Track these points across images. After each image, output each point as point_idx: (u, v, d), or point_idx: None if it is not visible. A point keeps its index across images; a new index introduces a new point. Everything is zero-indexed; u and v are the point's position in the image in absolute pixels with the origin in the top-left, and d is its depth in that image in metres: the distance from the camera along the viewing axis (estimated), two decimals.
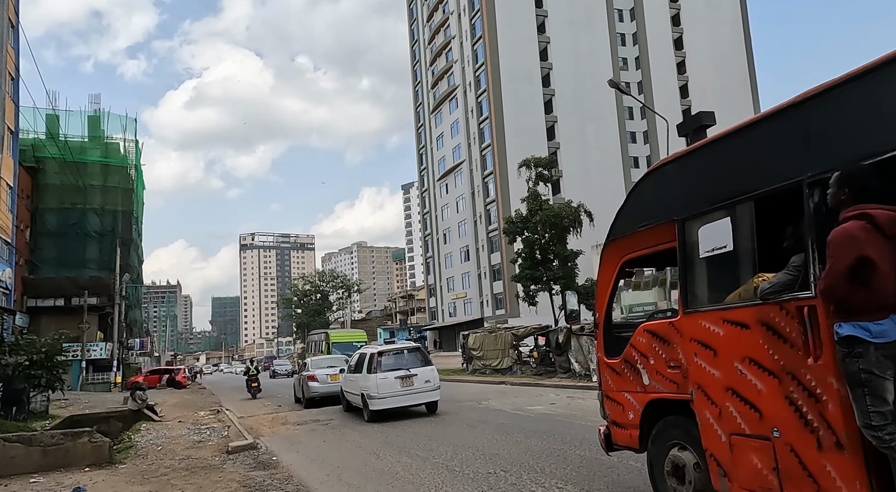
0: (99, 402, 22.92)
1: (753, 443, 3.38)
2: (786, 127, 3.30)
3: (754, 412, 3.37)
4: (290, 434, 10.75)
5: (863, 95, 2.89)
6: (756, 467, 3.36)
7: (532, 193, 27.00)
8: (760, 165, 3.43)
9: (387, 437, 9.33)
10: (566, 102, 57.92)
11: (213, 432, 11.04)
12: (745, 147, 3.59)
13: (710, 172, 3.88)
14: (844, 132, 2.96)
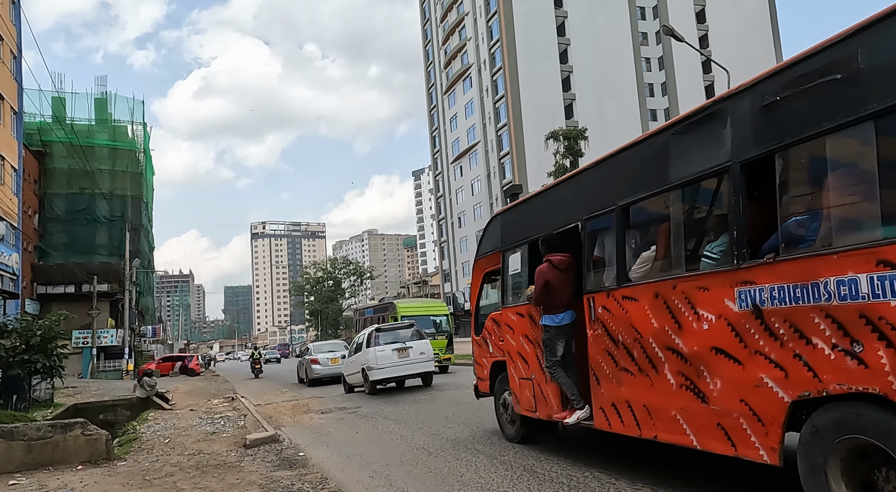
0: (108, 389, 21.85)
1: (526, 383, 5.87)
2: (540, 204, 6.00)
3: (527, 365, 5.86)
4: (315, 424, 9.45)
5: (541, 205, 5.91)
6: (528, 396, 5.86)
7: (560, 167, 25.43)
8: (540, 221, 5.81)
9: (432, 427, 7.98)
10: (585, 80, 55.86)
11: (227, 422, 9.76)
12: (534, 207, 6.07)
13: (516, 222, 6.36)
14: (558, 210, 5.59)
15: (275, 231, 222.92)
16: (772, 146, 3.34)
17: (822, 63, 3.08)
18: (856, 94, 2.91)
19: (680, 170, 4.03)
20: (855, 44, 2.95)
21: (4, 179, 29.62)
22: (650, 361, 4.21)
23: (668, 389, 4.05)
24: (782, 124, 3.29)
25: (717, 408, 3.70)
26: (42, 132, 37.94)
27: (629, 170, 4.62)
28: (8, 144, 30.07)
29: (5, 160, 29.66)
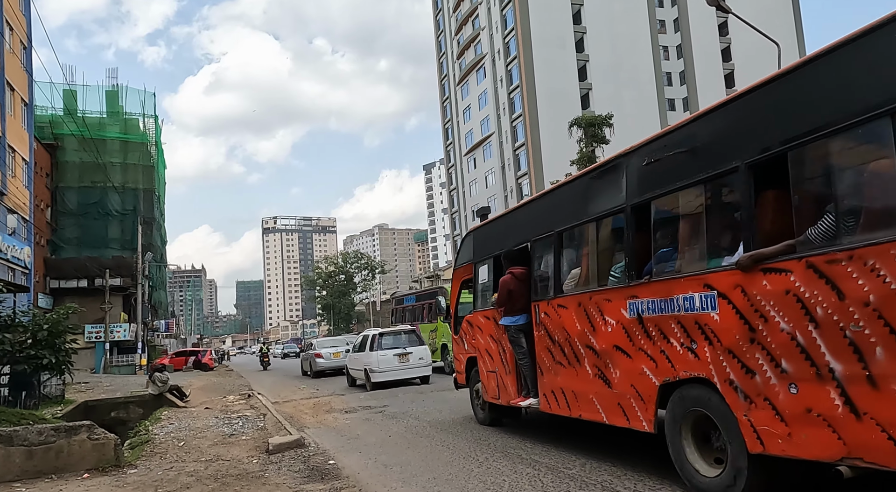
0: (121, 385, 21.35)
1: (492, 375, 7.18)
2: (503, 225, 7.45)
3: (492, 360, 7.17)
4: (340, 425, 8.73)
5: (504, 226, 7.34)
6: (493, 386, 7.15)
7: (585, 155, 24.49)
8: (502, 239, 7.10)
9: (474, 432, 7.21)
10: (601, 69, 54.60)
11: (246, 423, 9.05)
12: (498, 227, 7.57)
13: (485, 239, 7.75)
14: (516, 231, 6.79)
15: (286, 226, 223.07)
16: (649, 196, 4.46)
17: (675, 139, 4.28)
18: (694, 165, 4.03)
19: (594, 207, 5.22)
20: (691, 129, 4.21)
21: (16, 171, 29.19)
22: (576, 357, 5.38)
23: (587, 378, 5.21)
24: (655, 180, 4.42)
25: (617, 392, 4.84)
26: (53, 125, 37.59)
27: (563, 203, 5.93)
28: (19, 135, 29.63)
29: (16, 152, 29.23)
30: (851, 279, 3.06)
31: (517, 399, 6.48)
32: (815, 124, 3.28)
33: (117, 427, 14.43)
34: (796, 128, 3.41)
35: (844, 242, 3.11)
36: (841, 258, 3.10)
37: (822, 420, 3.21)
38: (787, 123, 3.49)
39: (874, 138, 3.06)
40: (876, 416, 2.98)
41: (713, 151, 3.97)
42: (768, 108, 3.70)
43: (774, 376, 3.46)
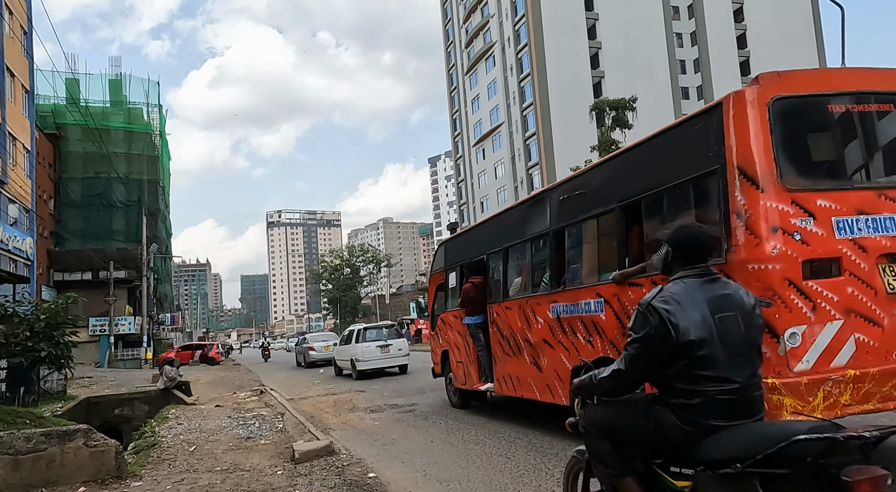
0: (126, 380, 20.52)
1: (459, 365, 8.35)
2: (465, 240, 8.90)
3: (459, 352, 8.32)
4: (369, 427, 7.80)
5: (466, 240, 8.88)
6: (461, 374, 8.31)
7: (606, 141, 23.45)
8: (467, 251, 8.50)
9: (521, 433, 6.26)
10: (614, 56, 53.29)
11: (263, 423, 8.14)
12: (463, 241, 9.00)
13: (454, 249, 9.21)
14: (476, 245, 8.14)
15: (290, 220, 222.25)
16: (563, 224, 5.87)
17: (579, 183, 5.75)
18: (590, 203, 5.50)
19: (530, 229, 6.50)
20: (588, 176, 5.74)
21: (17, 159, 28.33)
22: (518, 348, 6.53)
23: (525, 365, 6.35)
24: (567, 212, 5.82)
25: (545, 375, 6.06)
26: (56, 114, 36.76)
27: (509, 224, 7.19)
28: (20, 123, 28.76)
29: (17, 140, 28.36)
30: None
31: (478, 384, 7.93)
32: (654, 183, 4.62)
33: (121, 425, 13.61)
34: (644, 184, 4.74)
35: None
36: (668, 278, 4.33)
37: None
38: (640, 180, 4.82)
39: (685, 197, 4.40)
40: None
41: (601, 195, 5.36)
42: (630, 167, 5.12)
43: None
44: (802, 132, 4.23)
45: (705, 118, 4.24)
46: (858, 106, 4.21)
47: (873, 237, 3.89)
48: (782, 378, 3.61)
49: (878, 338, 3.80)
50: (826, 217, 3.83)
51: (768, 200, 3.78)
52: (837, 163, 4.33)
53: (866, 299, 3.82)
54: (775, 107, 3.94)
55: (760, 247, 3.74)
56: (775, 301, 3.73)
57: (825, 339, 3.73)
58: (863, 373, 3.70)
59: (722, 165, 3.98)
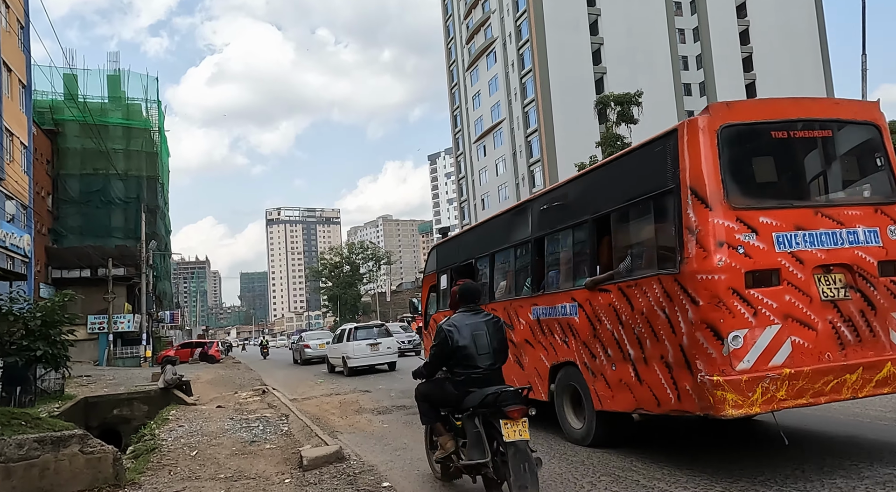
0: (125, 378, 20.22)
1: None
2: (455, 245, 9.43)
3: None
4: (378, 430, 7.49)
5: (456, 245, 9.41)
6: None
7: (610, 136, 23.13)
8: (456, 255, 8.94)
9: (541, 439, 5.96)
10: (616, 52, 52.92)
11: (267, 426, 7.84)
12: (453, 245, 9.49)
13: (445, 253, 9.63)
14: (465, 249, 8.62)
15: (290, 217, 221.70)
16: (542, 232, 6.38)
17: (556, 195, 6.27)
18: (566, 215, 5.94)
19: (514, 237, 6.99)
20: (565, 189, 6.19)
21: (14, 155, 27.95)
22: None
23: (509, 363, 5.39)
24: (546, 222, 6.34)
25: (527, 372, 6.55)
26: (54, 110, 36.37)
27: (495, 231, 7.66)
28: (16, 118, 28.37)
29: (14, 136, 27.98)
30: (636, 298, 4.72)
31: None
32: (621, 198, 5.04)
33: (120, 426, 13.32)
34: (613, 199, 5.17)
35: (634, 275, 4.81)
36: (632, 284, 4.75)
37: (626, 386, 4.87)
38: (609, 195, 5.26)
39: (646, 212, 4.81)
40: (647, 380, 4.65)
41: (575, 208, 5.79)
42: (600, 184, 5.59)
43: (605, 359, 5.17)
44: (748, 156, 4.74)
45: (663, 142, 4.68)
46: (798, 132, 4.70)
47: (810, 250, 4.38)
48: (725, 376, 4.05)
49: (812, 340, 4.27)
50: (767, 233, 4.32)
51: (716, 218, 4.26)
52: (779, 184, 4.89)
53: (802, 306, 4.29)
54: (723, 134, 4.40)
55: (708, 259, 4.21)
56: (720, 308, 4.14)
57: (764, 341, 4.17)
58: (797, 371, 4.14)
59: (677, 185, 4.44)
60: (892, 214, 4.66)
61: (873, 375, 4.31)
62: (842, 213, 4.56)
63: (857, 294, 4.45)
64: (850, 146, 5.03)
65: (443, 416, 4.40)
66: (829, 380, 4.20)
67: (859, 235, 4.51)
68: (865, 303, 4.46)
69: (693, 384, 4.20)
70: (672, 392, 4.41)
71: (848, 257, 4.46)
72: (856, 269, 4.47)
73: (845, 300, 4.41)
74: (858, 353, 4.36)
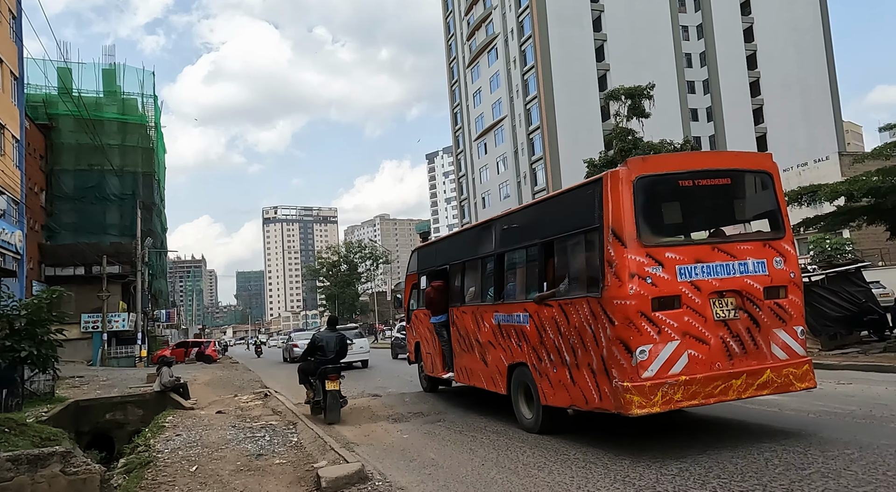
0: (119, 379, 19.43)
1: (428, 355, 10.05)
2: (433, 249, 10.62)
3: (427, 344, 10.01)
4: (398, 442, 6.75)
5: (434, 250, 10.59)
6: (429, 364, 10.05)
7: (621, 132, 22.44)
8: (433, 259, 10.09)
9: (591, 456, 5.26)
10: (619, 49, 52.26)
11: (274, 436, 7.10)
12: (432, 249, 10.68)
13: (425, 256, 10.72)
14: (441, 255, 9.83)
15: (287, 216, 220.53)
16: (504, 249, 7.34)
17: (514, 218, 7.31)
18: (521, 237, 6.93)
19: (482, 249, 8.10)
20: (522, 214, 7.32)
21: (5, 149, 27.12)
22: (471, 346, 8.18)
23: (476, 360, 7.98)
24: (507, 241, 7.31)
25: (490, 369, 7.60)
26: (48, 105, 35.49)
27: (467, 242, 8.94)
28: (8, 111, 27.53)
29: (5, 129, 27.14)
30: (571, 314, 5.73)
31: (442, 373, 9.45)
32: (562, 228, 6.13)
33: (113, 431, 12.55)
34: (556, 228, 6.24)
35: (570, 295, 5.83)
36: (569, 303, 5.77)
37: (563, 386, 5.90)
38: (553, 224, 6.31)
39: (580, 243, 5.87)
40: (578, 383, 5.67)
41: (529, 231, 6.73)
42: (548, 213, 6.64)
43: (549, 362, 6.12)
44: (658, 202, 5.59)
45: (594, 187, 5.56)
46: (702, 181, 5.55)
47: (706, 279, 5.24)
48: (633, 382, 4.94)
49: (705, 353, 5.13)
50: (672, 265, 5.17)
51: (630, 254, 5.08)
52: (684, 224, 5.93)
53: (698, 325, 5.15)
54: (638, 183, 5.21)
55: (622, 288, 5.04)
56: (631, 327, 4.99)
57: (666, 354, 5.03)
58: (692, 378, 5.04)
59: (601, 224, 5.31)
60: (778, 247, 5.56)
61: (755, 379, 5.24)
62: (735, 247, 5.43)
63: (745, 314, 5.32)
64: (745, 191, 5.98)
65: (309, 380, 8.97)
66: (719, 384, 5.13)
67: (749, 265, 5.39)
68: (752, 321, 5.34)
69: (610, 388, 5.14)
70: (596, 393, 5.36)
71: (738, 285, 5.34)
72: (745, 294, 5.35)
73: (735, 320, 5.29)
74: (744, 362, 5.25)
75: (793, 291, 5.54)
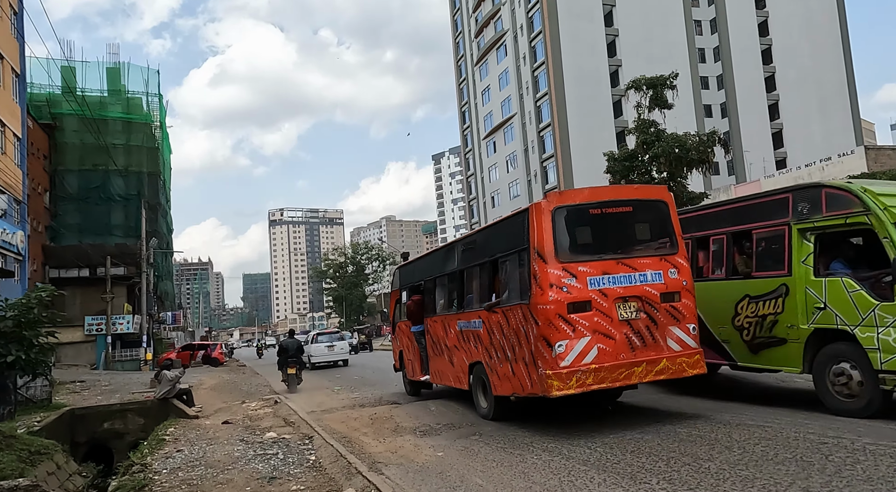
0: (122, 384, 18.62)
1: (409, 361, 11.27)
2: (412, 267, 12.08)
3: (409, 352, 11.21)
4: (435, 462, 5.77)
5: (412, 268, 11.98)
6: (410, 369, 11.19)
7: (644, 122, 21.48)
8: (412, 276, 11.53)
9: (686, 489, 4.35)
10: (631, 44, 51.17)
11: (288, 452, 6.19)
12: (410, 268, 12.11)
13: (405, 273, 12.22)
14: (417, 273, 11.21)
15: (293, 218, 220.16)
16: (463, 266, 8.65)
17: (471, 239, 8.92)
18: (476, 255, 8.30)
19: (448, 267, 9.33)
20: (476, 236, 8.99)
21: (6, 148, 26.41)
22: (441, 350, 9.38)
23: (445, 362, 9.19)
24: (466, 259, 8.60)
25: (455, 369, 8.79)
26: (51, 104, 34.79)
27: (437, 261, 10.21)
28: (9, 108, 26.83)
29: (7, 127, 26.43)
30: (510, 318, 6.95)
31: (420, 376, 10.42)
32: (503, 249, 7.40)
33: (112, 442, 11.66)
34: (499, 248, 7.54)
35: (509, 303, 7.03)
36: (508, 309, 7.03)
37: (507, 377, 7.12)
38: (498, 245, 7.67)
39: (515, 260, 7.06)
40: (517, 374, 6.84)
41: (480, 251, 8.25)
42: (494, 236, 8.12)
43: (496, 359, 7.39)
44: (572, 226, 6.79)
45: (523, 215, 6.88)
46: (608, 209, 6.87)
47: (612, 287, 6.47)
48: (553, 370, 6.20)
49: (612, 346, 6.36)
50: (584, 277, 6.45)
51: (549, 269, 6.40)
52: (594, 244, 6.92)
53: (606, 324, 6.37)
54: (556, 212, 6.59)
55: (544, 296, 6.34)
56: (551, 327, 6.28)
57: (579, 348, 6.28)
58: (601, 366, 6.28)
59: (528, 245, 6.63)
60: (673, 261, 6.78)
61: (654, 367, 6.41)
62: (636, 262, 6.64)
63: (644, 315, 6.49)
64: (645, 217, 7.18)
65: (282, 368, 14.88)
66: (623, 371, 6.31)
67: (648, 276, 6.60)
68: (650, 321, 6.50)
69: (537, 376, 6.35)
70: (528, 381, 6.57)
71: (639, 291, 6.53)
72: (644, 298, 6.53)
73: (636, 319, 6.46)
74: (644, 353, 6.42)
75: (685, 295, 6.75)
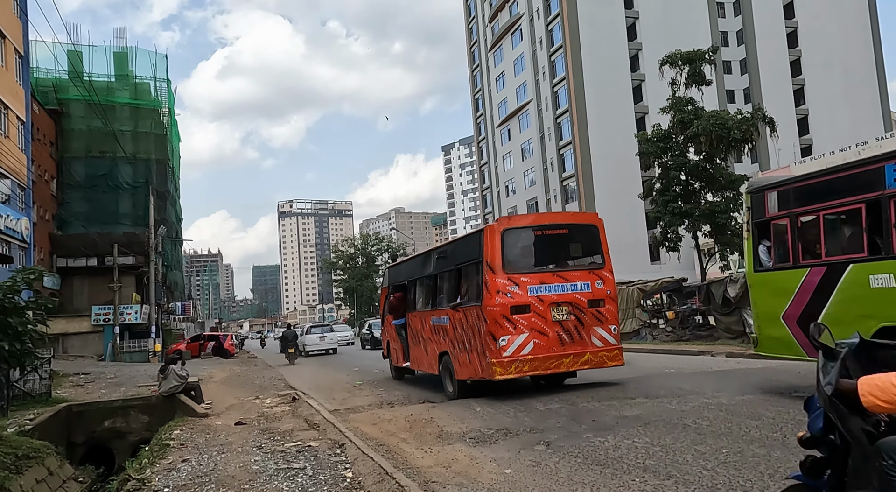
0: (128, 377, 17.62)
1: (394, 349, 13.22)
2: (399, 268, 14.32)
3: (394, 341, 13.21)
4: (501, 482, 4.51)
5: (399, 269, 14.24)
6: (395, 357, 13.23)
7: (681, 100, 20.10)
8: (398, 276, 13.67)
9: None
10: (652, 27, 49.44)
11: (318, 466, 5.03)
12: (397, 269, 14.40)
13: (394, 273, 14.40)
14: (402, 273, 13.45)
15: (302, 210, 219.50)
16: (436, 271, 10.99)
17: (442, 250, 11.32)
18: (447, 263, 10.60)
19: (426, 270, 11.51)
20: (446, 247, 11.59)
21: (8, 131, 25.45)
22: (419, 341, 11.29)
23: (421, 351, 11.11)
24: (439, 265, 10.96)
25: (429, 357, 10.67)
26: (58, 89, 33.81)
27: (417, 265, 12.42)
28: (12, 90, 25.82)
29: (9, 109, 25.45)
30: (468, 316, 9.02)
31: (402, 363, 12.39)
32: (465, 259, 9.64)
33: (113, 441, 10.58)
34: (462, 258, 9.76)
35: (468, 304, 9.12)
36: (467, 309, 9.12)
37: (466, 365, 9.04)
38: (461, 255, 9.90)
39: (472, 269, 9.25)
40: (472, 361, 8.87)
41: (449, 260, 10.32)
42: (459, 248, 10.56)
43: (459, 350, 9.21)
44: (517, 245, 9.02)
45: (479, 234, 9.18)
46: (549, 231, 9.43)
47: (548, 294, 8.62)
48: (497, 359, 8.22)
49: (545, 341, 8.48)
50: (525, 286, 8.56)
51: (497, 278, 8.49)
52: (535, 259, 9.14)
53: (541, 323, 8.50)
54: (504, 233, 8.78)
55: (492, 299, 8.44)
56: (496, 325, 8.40)
57: (518, 341, 8.36)
58: (536, 357, 8.39)
59: (482, 259, 8.75)
60: (600, 274, 9.00)
61: (579, 359, 8.62)
62: (569, 274, 8.92)
63: (573, 317, 8.69)
64: (579, 238, 9.54)
65: (284, 350, 23.33)
66: (553, 361, 8.50)
67: (578, 286, 8.80)
68: (578, 322, 8.69)
69: (485, 363, 8.41)
70: (479, 367, 8.61)
71: (570, 298, 8.72)
72: (574, 303, 8.72)
73: (567, 320, 8.65)
74: (571, 348, 8.59)
75: (609, 302, 8.93)
